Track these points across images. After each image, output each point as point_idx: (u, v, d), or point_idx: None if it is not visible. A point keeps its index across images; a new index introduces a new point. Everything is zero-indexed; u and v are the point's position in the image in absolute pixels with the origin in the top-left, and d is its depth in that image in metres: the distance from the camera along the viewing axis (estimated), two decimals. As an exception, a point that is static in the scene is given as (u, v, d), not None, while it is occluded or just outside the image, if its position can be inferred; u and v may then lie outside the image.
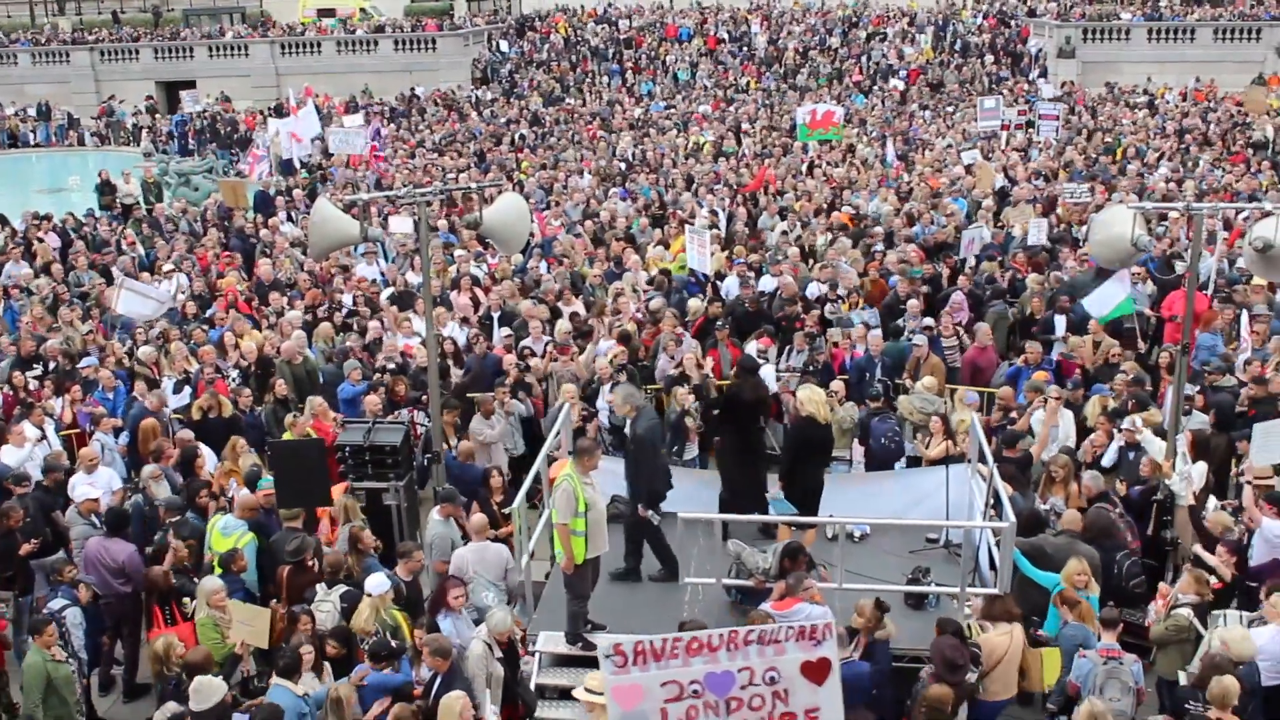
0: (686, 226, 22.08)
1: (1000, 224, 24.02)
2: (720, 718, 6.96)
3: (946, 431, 14.47)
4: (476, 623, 11.18)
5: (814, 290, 19.67)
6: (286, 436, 14.59)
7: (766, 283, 20.24)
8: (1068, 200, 25.20)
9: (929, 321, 17.97)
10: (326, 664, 10.40)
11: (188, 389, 16.61)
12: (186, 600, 11.43)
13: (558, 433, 13.64)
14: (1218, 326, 17.59)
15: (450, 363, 17.05)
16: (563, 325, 17.94)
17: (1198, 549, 11.97)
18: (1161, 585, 11.65)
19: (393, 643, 10.33)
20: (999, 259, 21.26)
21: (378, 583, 11.04)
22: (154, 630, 11.52)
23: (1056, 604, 10.78)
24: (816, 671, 6.95)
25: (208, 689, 9.63)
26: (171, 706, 9.52)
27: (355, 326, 18.56)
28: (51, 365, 17.51)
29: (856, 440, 15.11)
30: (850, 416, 15.09)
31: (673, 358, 16.69)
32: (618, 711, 6.93)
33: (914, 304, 18.37)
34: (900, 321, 18.17)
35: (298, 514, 12.48)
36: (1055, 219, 24.32)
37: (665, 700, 6.90)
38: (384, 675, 10.07)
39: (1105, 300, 17.01)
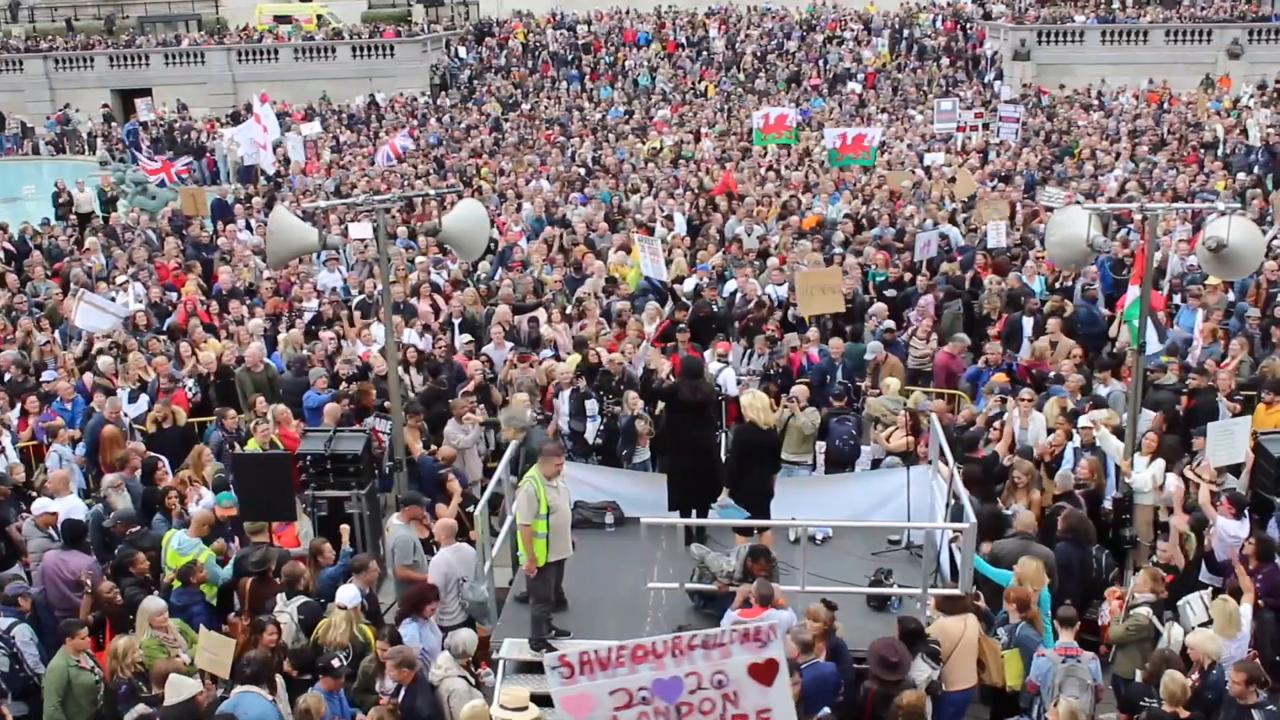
0: (638, 235, 21.95)
1: (972, 225, 24.11)
2: None
3: (913, 428, 14.56)
4: (468, 622, 11.19)
5: (773, 293, 19.72)
6: (251, 445, 14.51)
7: (730, 286, 20.30)
8: (1037, 203, 25.48)
9: (890, 324, 18.10)
10: (279, 677, 10.31)
11: (144, 397, 16.51)
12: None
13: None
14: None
15: (413, 370, 17.01)
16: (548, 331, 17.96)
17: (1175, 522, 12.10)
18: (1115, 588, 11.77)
19: (338, 660, 10.23)
20: (958, 259, 21.41)
21: (351, 595, 10.98)
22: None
23: (1006, 601, 10.87)
24: (764, 673, 6.96)
25: (180, 685, 9.63)
26: (141, 709, 9.44)
27: (320, 335, 18.50)
28: (6, 377, 17.32)
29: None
30: (811, 422, 15.10)
31: (632, 363, 16.71)
32: None
33: (880, 307, 18.49)
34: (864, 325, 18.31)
35: (262, 528, 12.41)
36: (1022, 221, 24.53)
37: (615, 708, 6.91)
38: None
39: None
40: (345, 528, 12.94)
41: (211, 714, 9.64)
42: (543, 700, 9.54)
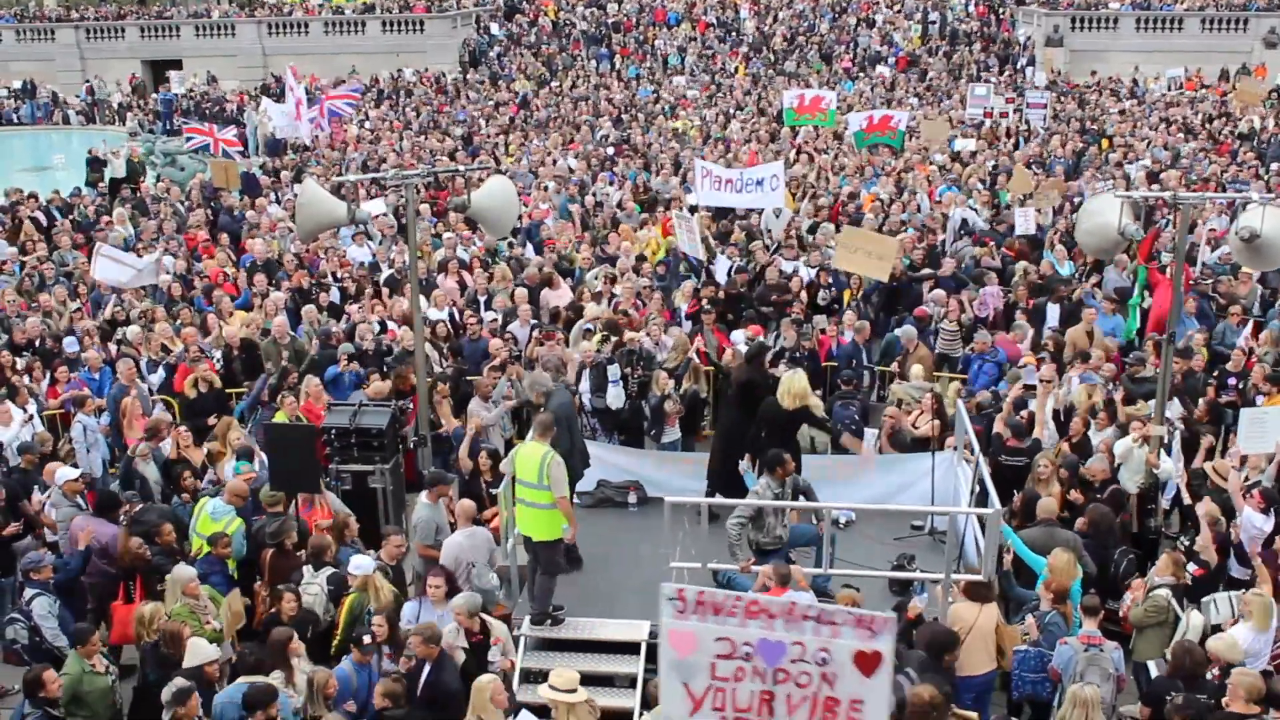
0: (674, 211, 21.97)
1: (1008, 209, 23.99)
2: (766, 684, 6.97)
3: (938, 411, 14.53)
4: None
5: (803, 276, 19.63)
6: (279, 417, 14.58)
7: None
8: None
9: (921, 309, 18.02)
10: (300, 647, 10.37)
11: (162, 369, 16.61)
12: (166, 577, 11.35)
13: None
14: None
15: (443, 345, 17.08)
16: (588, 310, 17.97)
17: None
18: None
19: (369, 636, 10.27)
20: (990, 244, 21.28)
21: (362, 563, 11.08)
22: (115, 603, 11.55)
23: (1044, 589, 10.82)
24: (868, 663, 6.93)
25: (197, 650, 9.79)
26: (180, 682, 9.51)
27: (345, 309, 18.58)
28: (45, 346, 17.42)
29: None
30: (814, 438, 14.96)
31: (657, 343, 16.69)
32: (671, 656, 6.97)
33: (939, 293, 18.23)
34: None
35: (279, 499, 12.44)
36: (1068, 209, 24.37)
37: (717, 655, 6.93)
38: (347, 678, 10.04)
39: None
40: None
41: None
42: (586, 680, 9.62)
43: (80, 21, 57.30)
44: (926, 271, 19.59)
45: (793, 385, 13.11)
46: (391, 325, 17.75)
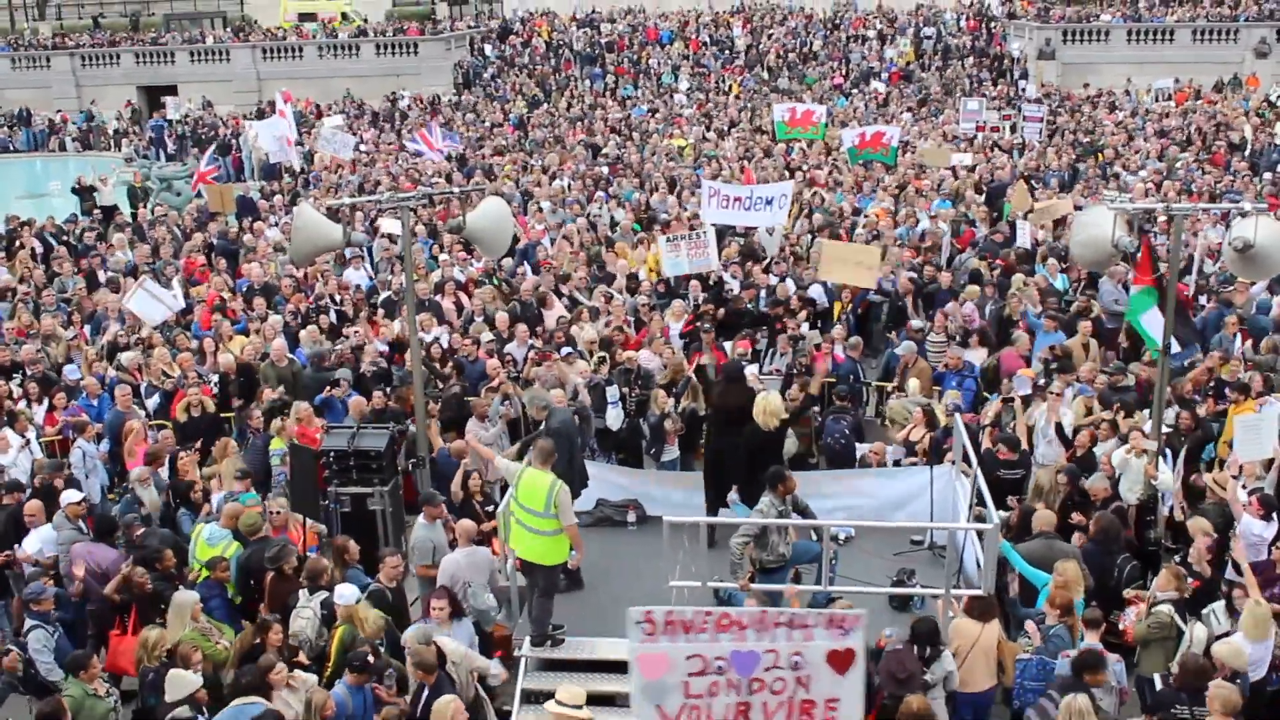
0: (679, 230, 21.84)
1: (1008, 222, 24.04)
2: (741, 695, 7.00)
3: (929, 423, 14.54)
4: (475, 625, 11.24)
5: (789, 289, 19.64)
6: (275, 444, 14.58)
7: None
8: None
9: (917, 324, 18.03)
10: (299, 673, 10.32)
11: (159, 395, 16.61)
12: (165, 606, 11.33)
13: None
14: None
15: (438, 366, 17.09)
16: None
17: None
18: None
19: (370, 659, 10.24)
20: (988, 258, 21.31)
21: (345, 593, 11.01)
22: (112, 632, 11.53)
23: (1047, 605, 10.80)
24: (841, 661, 6.98)
25: (179, 681, 9.72)
26: (184, 710, 9.50)
27: (343, 332, 18.57)
28: (30, 371, 17.40)
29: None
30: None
31: (666, 365, 16.67)
32: (640, 680, 6.98)
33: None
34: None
35: (258, 527, 12.40)
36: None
37: (689, 674, 6.95)
38: (343, 702, 9.99)
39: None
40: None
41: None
42: (587, 699, 9.60)
43: (75, 49, 57.45)
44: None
45: (769, 405, 13.04)
46: (399, 353, 17.68)
